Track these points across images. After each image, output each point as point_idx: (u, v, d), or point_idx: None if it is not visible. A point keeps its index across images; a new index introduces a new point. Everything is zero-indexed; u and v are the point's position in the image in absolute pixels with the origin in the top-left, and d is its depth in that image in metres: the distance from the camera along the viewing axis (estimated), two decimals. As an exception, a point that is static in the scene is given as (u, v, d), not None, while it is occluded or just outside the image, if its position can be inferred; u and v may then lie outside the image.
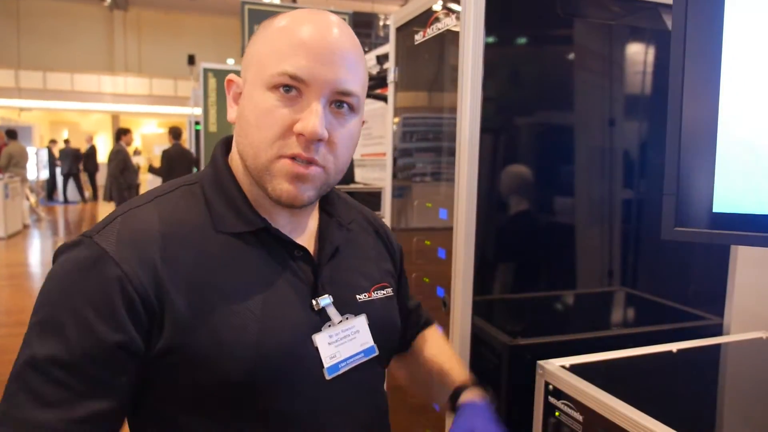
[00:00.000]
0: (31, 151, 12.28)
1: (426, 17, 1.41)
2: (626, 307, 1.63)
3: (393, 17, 1.59)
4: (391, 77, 1.61)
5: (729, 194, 0.68)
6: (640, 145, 1.57)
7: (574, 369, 1.19)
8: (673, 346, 1.32)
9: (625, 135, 1.55)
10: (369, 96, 3.33)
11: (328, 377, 0.80)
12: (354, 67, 0.77)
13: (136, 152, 13.96)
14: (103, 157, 15.03)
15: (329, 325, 0.82)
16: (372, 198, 2.80)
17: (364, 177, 3.96)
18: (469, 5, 1.18)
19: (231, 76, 0.83)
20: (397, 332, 0.98)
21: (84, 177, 14.65)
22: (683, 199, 0.68)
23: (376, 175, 3.85)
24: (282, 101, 0.74)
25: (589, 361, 1.23)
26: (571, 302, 1.66)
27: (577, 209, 1.61)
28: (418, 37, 1.47)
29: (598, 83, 1.51)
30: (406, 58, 1.60)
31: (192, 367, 0.72)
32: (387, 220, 1.77)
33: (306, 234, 0.87)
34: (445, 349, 1.09)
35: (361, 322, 0.87)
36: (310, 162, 0.75)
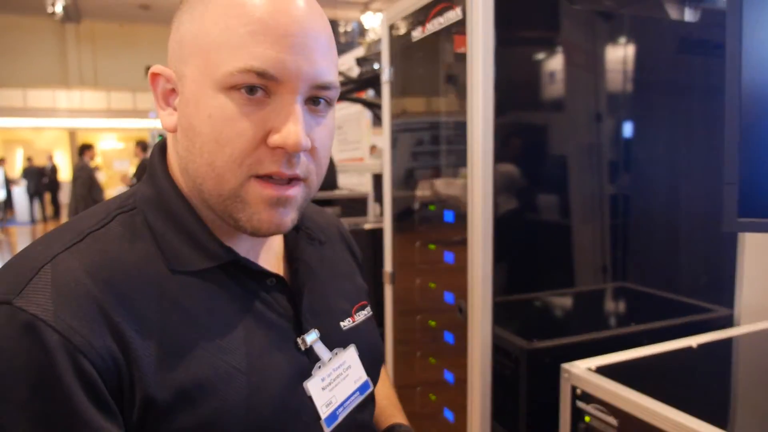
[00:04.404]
0: (-16, 171, 11.79)
1: (425, 12, 1.35)
2: (634, 303, 1.60)
3: (385, 14, 1.53)
4: (385, 77, 1.55)
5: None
6: (653, 137, 1.55)
7: (601, 371, 1.14)
8: (692, 341, 1.29)
9: (640, 128, 1.52)
10: (346, 99, 3.27)
11: (327, 430, 0.68)
12: (329, 49, 0.61)
13: (96, 169, 13.54)
14: (64, 174, 14.59)
15: (320, 366, 0.69)
16: (356, 204, 2.73)
17: (341, 183, 3.88)
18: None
19: (157, 68, 0.64)
20: (383, 357, 0.86)
21: (47, 196, 14.22)
22: (747, 187, 0.64)
23: (355, 180, 3.79)
24: (246, 106, 0.57)
25: (613, 362, 1.19)
26: (578, 301, 1.62)
27: (576, 206, 1.58)
28: (416, 34, 1.41)
29: (607, 77, 1.48)
30: (401, 57, 1.54)
31: None
32: (386, 228, 1.71)
33: (272, 255, 0.72)
34: (386, 386, 0.97)
35: (351, 355, 0.74)
36: (291, 179, 0.60)
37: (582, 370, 1.14)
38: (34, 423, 0.50)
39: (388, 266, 1.65)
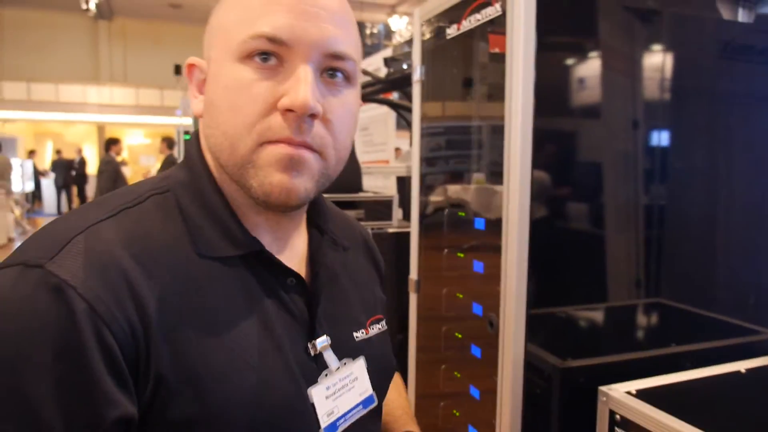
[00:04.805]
0: (15, 162, 12.02)
1: (461, 8, 1.28)
2: (673, 322, 1.51)
3: (418, 10, 1.47)
4: (416, 76, 1.49)
5: None
6: (696, 145, 1.46)
7: (642, 395, 1.06)
8: (741, 366, 1.20)
9: (681, 136, 1.44)
10: (371, 100, 3.21)
11: None
12: (345, 24, 0.62)
13: (123, 163, 13.73)
14: (92, 168, 14.82)
15: (326, 374, 0.67)
16: (381, 207, 2.67)
17: (366, 185, 3.82)
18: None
19: (193, 59, 0.67)
20: (393, 375, 0.84)
21: (74, 189, 14.42)
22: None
23: (379, 183, 3.73)
24: (260, 73, 0.59)
25: (655, 386, 1.11)
26: (612, 317, 1.54)
27: (610, 216, 1.50)
28: (451, 31, 1.34)
29: (645, 83, 1.40)
30: (432, 55, 1.48)
31: None
32: (413, 234, 1.65)
33: (294, 255, 0.71)
34: (402, 396, 0.95)
35: (359, 367, 0.73)
36: (303, 147, 0.59)
37: (621, 394, 1.06)
38: (53, 387, 0.50)
39: (413, 274, 1.59)
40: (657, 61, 1.43)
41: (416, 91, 1.50)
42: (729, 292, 1.61)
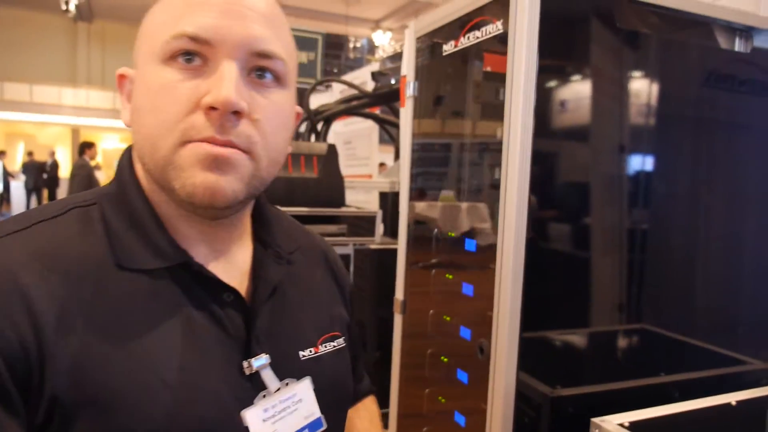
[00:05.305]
0: (-17, 163, 11.70)
1: (460, 25, 1.26)
2: (660, 350, 1.49)
3: (414, 25, 1.44)
4: (409, 92, 1.46)
5: None
6: (686, 171, 1.46)
7: (635, 428, 1.03)
8: (731, 398, 1.18)
9: (671, 162, 1.44)
10: (357, 114, 3.18)
11: None
12: (274, 25, 0.62)
13: (96, 167, 13.44)
14: (64, 171, 14.46)
15: (264, 396, 0.64)
16: (364, 223, 2.63)
17: (347, 199, 3.78)
18: (522, 14, 1.04)
19: (123, 69, 0.65)
20: (350, 396, 0.80)
21: (44, 192, 14.08)
22: None
23: (361, 197, 3.68)
24: (183, 73, 0.57)
25: (647, 418, 1.08)
26: (598, 343, 1.52)
27: (596, 240, 1.48)
28: (447, 47, 1.32)
29: (634, 109, 1.39)
30: (426, 71, 1.45)
31: None
32: (400, 253, 1.61)
33: (235, 270, 0.68)
34: (374, 426, 0.91)
35: (304, 388, 0.68)
36: (228, 146, 0.57)
37: (614, 426, 1.03)
38: None
39: (399, 294, 1.55)
40: (646, 88, 1.42)
41: (408, 106, 1.47)
42: (712, 320, 1.60)
